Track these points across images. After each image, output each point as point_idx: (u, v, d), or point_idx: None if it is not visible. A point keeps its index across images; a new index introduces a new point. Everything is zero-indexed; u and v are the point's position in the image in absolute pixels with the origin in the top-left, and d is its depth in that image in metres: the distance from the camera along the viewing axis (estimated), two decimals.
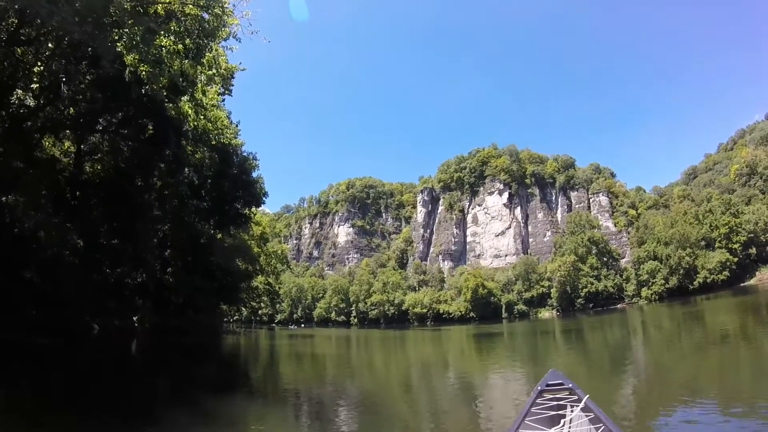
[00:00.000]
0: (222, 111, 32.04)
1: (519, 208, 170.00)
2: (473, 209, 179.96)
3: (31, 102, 23.32)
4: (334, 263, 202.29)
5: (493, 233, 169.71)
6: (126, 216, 24.81)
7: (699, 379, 14.47)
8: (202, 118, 24.57)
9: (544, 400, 6.84)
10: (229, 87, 34.36)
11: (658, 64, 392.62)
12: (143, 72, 13.77)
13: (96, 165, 28.24)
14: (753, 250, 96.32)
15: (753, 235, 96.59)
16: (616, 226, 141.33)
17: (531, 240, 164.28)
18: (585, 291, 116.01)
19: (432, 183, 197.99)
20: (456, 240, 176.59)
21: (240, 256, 50.08)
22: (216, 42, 16.08)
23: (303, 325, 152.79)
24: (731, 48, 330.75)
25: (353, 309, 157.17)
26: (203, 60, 18.53)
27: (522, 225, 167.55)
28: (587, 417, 5.80)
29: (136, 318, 31.24)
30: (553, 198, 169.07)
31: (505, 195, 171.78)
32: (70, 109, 23.72)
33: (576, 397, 6.53)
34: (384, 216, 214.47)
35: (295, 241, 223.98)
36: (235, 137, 36.73)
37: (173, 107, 21.08)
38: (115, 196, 24.61)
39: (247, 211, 41.14)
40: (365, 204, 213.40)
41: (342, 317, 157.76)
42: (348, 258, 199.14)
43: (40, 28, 17.62)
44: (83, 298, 25.23)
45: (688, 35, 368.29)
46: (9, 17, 17.72)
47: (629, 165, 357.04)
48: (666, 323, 45.34)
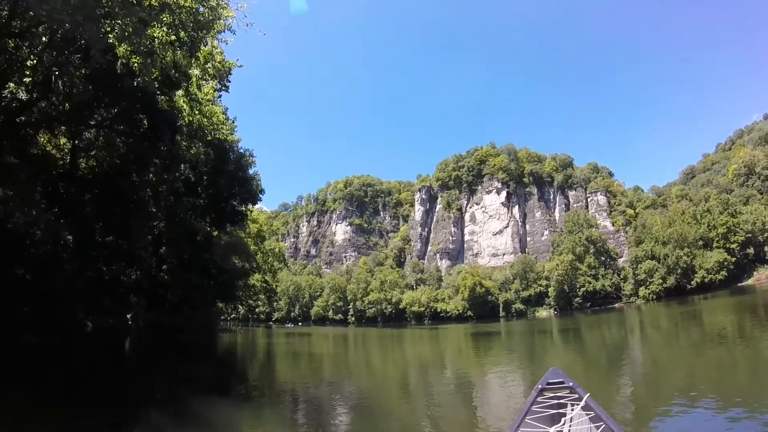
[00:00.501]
0: (218, 107, 31.66)
1: (517, 206, 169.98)
2: (471, 208, 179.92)
3: (24, 96, 22.98)
4: (331, 261, 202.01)
5: (491, 232, 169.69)
6: (120, 212, 24.47)
7: (697, 379, 14.39)
8: (197, 113, 24.18)
9: (544, 398, 6.84)
10: (226, 83, 34.00)
11: (657, 64, 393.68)
12: (135, 63, 13.46)
13: (90, 161, 27.90)
14: (751, 250, 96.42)
15: (751, 235, 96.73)
16: (614, 225, 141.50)
17: (529, 239, 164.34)
18: (583, 290, 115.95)
19: (430, 181, 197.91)
20: (454, 239, 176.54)
21: (236, 253, 49.83)
22: (211, 35, 15.77)
23: (300, 324, 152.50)
24: (730, 48, 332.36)
25: (351, 307, 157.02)
26: (198, 54, 18.27)
27: (520, 224, 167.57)
28: (588, 415, 5.80)
29: (129, 316, 30.89)
30: (551, 197, 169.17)
31: (503, 194, 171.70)
32: (65, 105, 23.39)
33: (576, 396, 6.50)
34: (382, 214, 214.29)
35: (293, 239, 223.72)
36: (232, 133, 36.40)
37: (166, 100, 20.69)
38: (109, 192, 24.27)
39: (244, 209, 40.81)
40: (363, 202, 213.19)
41: (339, 315, 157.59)
42: (345, 256, 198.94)
43: (32, 19, 17.27)
44: (77, 295, 24.92)
45: (687, 35, 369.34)
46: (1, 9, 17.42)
47: (627, 164, 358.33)
48: (663, 323, 45.21)
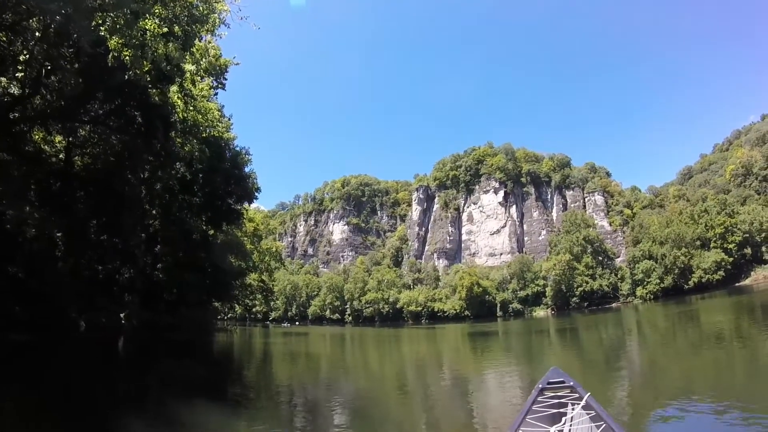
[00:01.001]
0: (213, 104, 31.35)
1: (514, 206, 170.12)
2: (469, 207, 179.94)
3: (16, 91, 22.68)
4: (328, 261, 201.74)
5: (489, 232, 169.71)
6: (112, 209, 24.17)
7: (694, 379, 14.34)
8: (191, 109, 23.88)
9: (545, 397, 6.81)
10: (222, 81, 33.71)
11: (654, 64, 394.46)
12: (126, 57, 13.17)
13: (85, 158, 27.61)
14: (748, 250, 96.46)
15: (748, 235, 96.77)
16: (611, 225, 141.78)
17: (526, 239, 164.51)
18: (580, 290, 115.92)
19: (427, 181, 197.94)
20: (451, 238, 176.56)
21: (233, 252, 49.48)
22: (205, 28, 15.49)
23: (297, 323, 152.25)
24: (728, 49, 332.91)
25: (348, 307, 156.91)
26: (193, 49, 18.01)
27: (517, 223, 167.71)
28: (588, 415, 5.77)
29: (123, 315, 30.57)
30: (549, 197, 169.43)
31: (501, 193, 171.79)
32: (58, 100, 23.09)
33: (577, 395, 6.50)
34: (379, 214, 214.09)
35: (290, 239, 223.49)
36: (227, 131, 36.10)
37: (158, 92, 20.33)
38: (102, 189, 23.98)
39: (240, 207, 40.51)
40: (360, 202, 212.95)
41: (336, 315, 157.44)
42: (343, 256, 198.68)
43: (23, 11, 16.98)
44: (70, 293, 24.67)
45: (684, 36, 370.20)
46: None
47: (625, 165, 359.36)
48: (661, 323, 45.08)
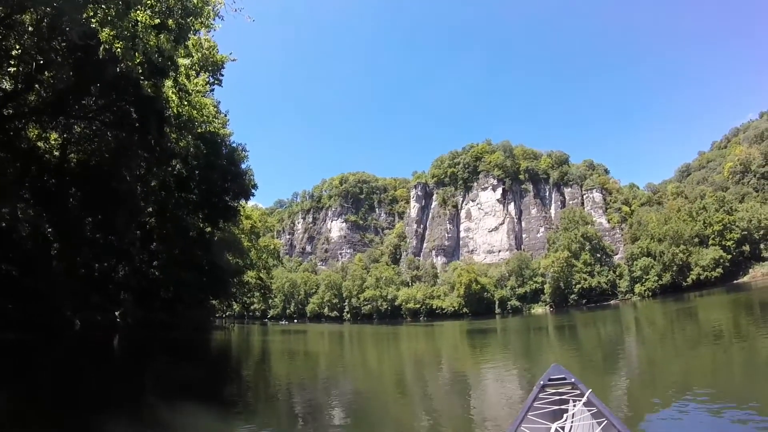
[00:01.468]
0: (209, 99, 31.06)
1: (512, 203, 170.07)
2: (467, 205, 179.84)
3: (9, 86, 22.40)
4: (327, 258, 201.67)
5: (487, 229, 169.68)
6: (106, 206, 23.90)
7: (693, 376, 14.27)
8: (186, 104, 23.59)
9: (546, 394, 6.82)
10: (219, 77, 33.42)
11: (653, 62, 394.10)
12: (118, 49, 12.91)
13: (80, 154, 27.34)
14: (746, 247, 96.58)
15: (746, 233, 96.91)
16: (609, 222, 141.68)
17: (524, 236, 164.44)
18: (578, 287, 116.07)
19: (425, 178, 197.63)
20: (449, 235, 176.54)
21: (230, 250, 49.28)
22: (200, 21, 15.22)
23: (296, 321, 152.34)
24: (726, 47, 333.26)
25: (346, 304, 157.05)
26: (188, 43, 17.73)
27: (515, 221, 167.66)
28: (590, 411, 5.75)
29: (118, 313, 30.33)
30: (547, 194, 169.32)
31: (499, 191, 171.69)
32: (51, 95, 22.82)
33: (579, 392, 6.51)
34: (377, 211, 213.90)
35: (288, 236, 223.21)
36: (224, 127, 35.81)
37: (149, 85, 20.00)
38: (96, 185, 23.71)
39: (237, 204, 40.27)
40: (358, 199, 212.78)
41: (335, 312, 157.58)
42: (341, 253, 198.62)
43: (14, 4, 16.69)
44: (64, 292, 24.44)
45: (683, 34, 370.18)
46: None
47: (623, 162, 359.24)
48: (659, 320, 44.97)
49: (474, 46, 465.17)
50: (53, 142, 27.06)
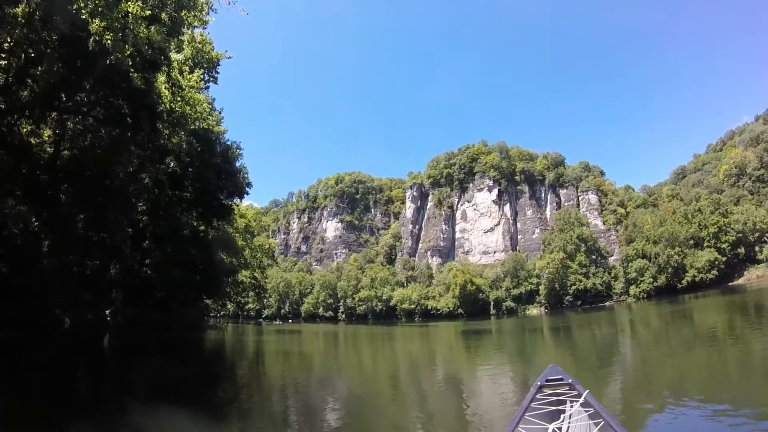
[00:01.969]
0: (203, 96, 30.73)
1: (508, 204, 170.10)
2: (462, 205, 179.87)
3: (0, 80, 22.04)
4: (322, 258, 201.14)
5: (482, 230, 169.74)
6: (97, 203, 23.57)
7: (688, 377, 14.32)
8: (179, 99, 23.28)
9: (544, 395, 6.77)
10: (215, 75, 33.07)
11: (649, 64, 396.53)
12: (108, 40, 12.63)
13: (74, 151, 26.98)
14: (741, 249, 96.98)
15: (741, 235, 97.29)
16: (605, 224, 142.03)
17: (520, 237, 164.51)
18: (573, 288, 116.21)
19: (421, 179, 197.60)
20: (445, 236, 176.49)
21: (224, 249, 48.91)
22: (193, 14, 14.96)
23: (290, 321, 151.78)
24: (722, 50, 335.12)
25: (341, 304, 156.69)
26: (181, 37, 17.48)
27: (511, 222, 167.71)
28: (587, 412, 5.74)
29: (108, 311, 29.94)
30: (543, 195, 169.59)
31: (495, 192, 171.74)
32: (42, 89, 22.48)
33: (576, 393, 6.43)
34: (373, 211, 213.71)
35: (284, 236, 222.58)
36: (218, 124, 35.51)
37: (139, 77, 19.66)
38: (87, 181, 23.37)
39: (231, 203, 39.97)
40: (354, 199, 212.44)
41: (330, 313, 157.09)
42: (336, 253, 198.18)
43: None
44: (55, 289, 24.09)
45: (679, 37, 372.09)
46: None
47: (618, 164, 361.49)
48: (654, 321, 44.97)
49: (470, 46, 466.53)
50: (46, 138, 26.72)
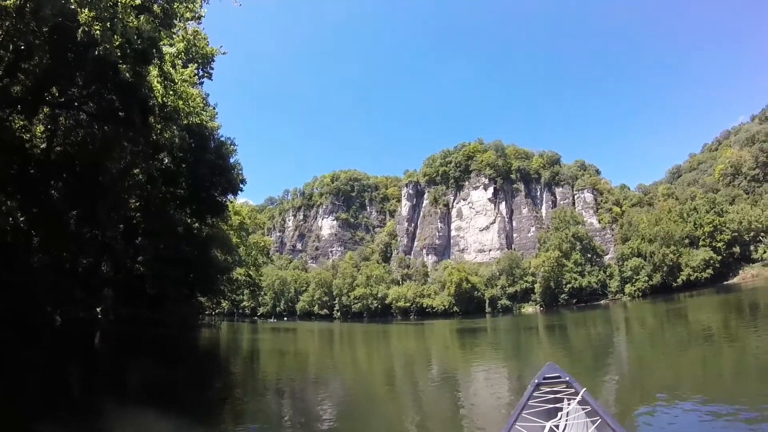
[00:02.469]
0: (196, 90, 30.31)
1: (504, 203, 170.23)
2: (458, 204, 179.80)
3: None
4: (317, 256, 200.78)
5: (478, 228, 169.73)
6: (89, 199, 23.22)
7: (683, 375, 14.39)
8: (171, 93, 22.91)
9: (541, 393, 6.85)
10: (209, 70, 32.66)
11: (645, 64, 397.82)
12: (97, 31, 12.31)
13: (65, 145, 26.61)
14: (737, 248, 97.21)
15: (737, 234, 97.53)
16: (600, 222, 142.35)
17: (515, 235, 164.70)
18: (569, 287, 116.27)
19: (417, 177, 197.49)
20: (440, 234, 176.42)
21: (218, 246, 48.53)
22: (185, 5, 14.67)
23: (285, 318, 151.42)
24: (718, 50, 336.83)
25: (336, 302, 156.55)
26: (174, 30, 17.16)
27: (506, 220, 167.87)
28: (584, 410, 5.78)
29: (99, 309, 29.57)
30: (538, 194, 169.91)
31: (490, 190, 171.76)
32: (32, 83, 22.12)
33: (573, 390, 6.51)
34: (368, 209, 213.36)
35: (279, 234, 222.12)
36: (212, 120, 35.14)
37: (128, 69, 19.29)
38: (78, 176, 23.03)
39: (225, 199, 39.60)
40: (350, 197, 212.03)
41: (325, 311, 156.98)
42: (332, 251, 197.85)
43: None
44: (45, 286, 23.75)
45: (675, 36, 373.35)
46: None
47: (614, 163, 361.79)
48: (649, 320, 45.09)
49: (467, 44, 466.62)
50: (39, 133, 26.34)
